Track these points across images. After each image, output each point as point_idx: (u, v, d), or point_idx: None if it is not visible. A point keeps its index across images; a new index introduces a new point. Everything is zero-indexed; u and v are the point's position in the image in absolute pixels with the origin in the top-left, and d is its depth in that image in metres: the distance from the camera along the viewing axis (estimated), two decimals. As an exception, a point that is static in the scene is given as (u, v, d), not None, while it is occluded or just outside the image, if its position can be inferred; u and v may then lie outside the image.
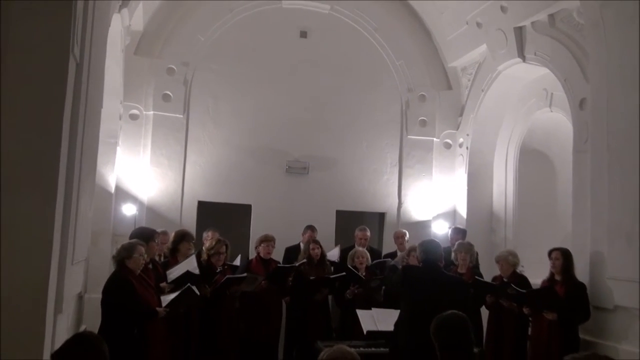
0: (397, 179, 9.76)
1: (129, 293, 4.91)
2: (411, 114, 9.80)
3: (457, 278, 5.58)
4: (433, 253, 5.08)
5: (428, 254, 5.06)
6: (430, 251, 5.09)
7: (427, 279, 4.91)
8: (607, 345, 5.85)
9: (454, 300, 4.47)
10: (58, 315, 3.82)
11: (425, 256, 5.06)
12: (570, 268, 6.09)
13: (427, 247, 5.11)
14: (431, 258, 5.04)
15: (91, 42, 4.24)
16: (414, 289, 4.87)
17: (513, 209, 9.14)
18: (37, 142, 3.34)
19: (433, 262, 5.03)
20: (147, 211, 8.57)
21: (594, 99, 6.41)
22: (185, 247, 6.44)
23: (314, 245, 7.48)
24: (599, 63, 6.31)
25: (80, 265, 5.42)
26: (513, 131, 9.22)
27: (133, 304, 4.91)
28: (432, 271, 4.99)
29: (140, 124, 8.71)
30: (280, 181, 9.26)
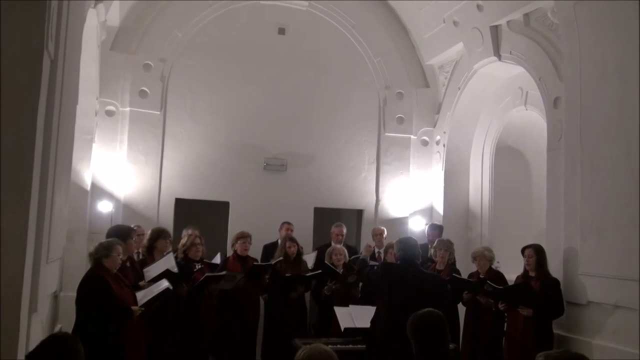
0: (375, 176, 9.79)
1: (104, 291, 4.86)
2: (389, 111, 9.84)
3: (435, 276, 5.62)
4: (411, 250, 5.09)
5: (406, 252, 5.07)
6: (408, 249, 5.09)
7: (405, 276, 4.92)
8: (581, 340, 5.94)
9: (432, 298, 4.49)
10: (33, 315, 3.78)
11: (403, 254, 5.07)
12: (544, 264, 6.17)
13: (405, 245, 5.12)
14: (409, 255, 5.05)
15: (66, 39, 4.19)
16: (393, 286, 4.88)
17: (489, 205, 9.24)
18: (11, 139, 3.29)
19: (411, 259, 5.05)
20: (124, 208, 8.48)
21: (567, 98, 6.50)
22: (162, 245, 6.40)
23: (290, 243, 7.49)
24: (572, 62, 6.39)
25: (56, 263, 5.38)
26: (489, 129, 9.30)
27: (108, 303, 4.86)
28: (411, 269, 5.00)
29: (116, 120, 8.61)
30: (258, 178, 9.24)
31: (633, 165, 5.50)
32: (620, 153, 5.65)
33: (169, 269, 5.91)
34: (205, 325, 6.66)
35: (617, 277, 5.58)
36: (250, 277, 7.16)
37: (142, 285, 5.66)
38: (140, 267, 6.05)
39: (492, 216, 9.19)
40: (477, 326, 6.57)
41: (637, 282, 5.34)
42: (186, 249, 6.65)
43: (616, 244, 5.63)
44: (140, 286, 5.64)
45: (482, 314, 6.52)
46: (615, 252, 5.63)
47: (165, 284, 5.49)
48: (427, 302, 3.85)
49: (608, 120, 5.85)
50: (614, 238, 5.67)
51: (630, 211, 5.48)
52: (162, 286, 5.48)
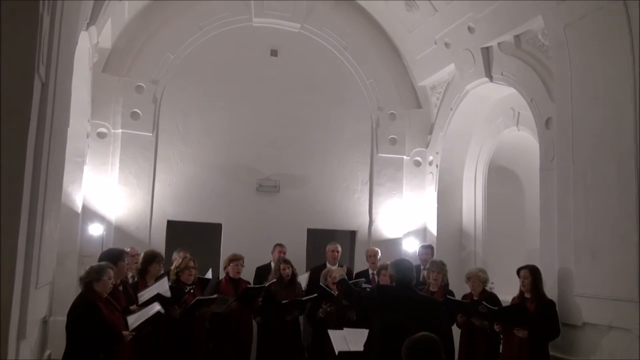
0: (368, 197, 9.79)
1: (94, 316, 4.79)
2: (381, 132, 9.86)
3: (430, 298, 5.56)
4: (406, 272, 5.05)
5: (401, 273, 5.02)
6: (403, 270, 5.04)
7: (400, 298, 4.87)
8: (576, 361, 5.91)
9: (428, 321, 4.47)
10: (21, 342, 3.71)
11: (398, 275, 5.02)
12: (539, 285, 6.14)
13: (400, 267, 5.08)
14: (404, 277, 5.01)
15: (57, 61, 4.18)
16: (387, 308, 4.83)
17: (482, 225, 9.23)
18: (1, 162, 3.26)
19: (406, 281, 5.01)
20: (115, 231, 8.43)
21: (559, 118, 6.53)
22: (155, 269, 6.34)
23: (285, 265, 7.43)
24: (563, 83, 6.44)
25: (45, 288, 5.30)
26: (481, 149, 9.33)
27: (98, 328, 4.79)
28: (406, 291, 4.96)
29: (108, 143, 8.59)
30: (251, 199, 9.21)
31: (626, 184, 5.52)
32: (613, 172, 5.67)
33: (160, 293, 5.84)
34: (197, 348, 6.57)
35: (612, 298, 5.56)
36: (243, 300, 7.09)
37: (132, 310, 5.59)
38: (133, 290, 5.98)
39: (486, 236, 9.18)
40: (472, 349, 6.50)
41: (631, 303, 5.32)
42: (179, 271, 6.58)
43: (610, 264, 5.63)
44: (131, 310, 5.57)
45: (477, 337, 6.46)
46: (610, 273, 5.62)
47: (156, 308, 5.43)
48: (423, 325, 3.81)
49: (600, 140, 5.88)
50: (608, 258, 5.67)
51: (624, 231, 5.48)
52: (153, 310, 5.41)
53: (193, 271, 6.63)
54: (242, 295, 7.10)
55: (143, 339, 5.58)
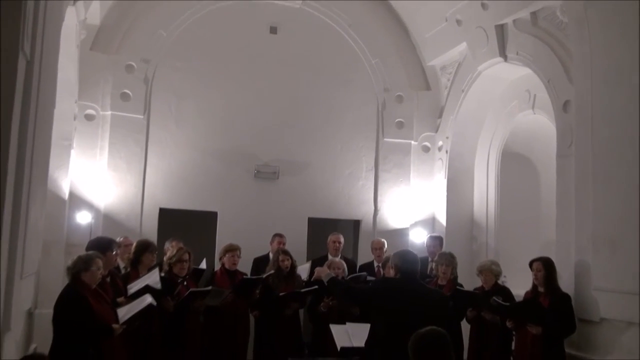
0: (373, 185, 9.80)
1: (83, 309, 4.81)
2: (388, 115, 9.86)
3: (437, 291, 5.58)
4: (411, 263, 5.06)
5: (406, 265, 5.04)
6: (408, 261, 5.06)
7: (405, 291, 4.89)
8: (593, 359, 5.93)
9: (434, 315, 4.50)
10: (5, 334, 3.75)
11: (403, 267, 5.03)
12: (553, 278, 6.15)
13: (405, 258, 5.09)
14: (409, 269, 5.03)
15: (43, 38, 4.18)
16: (391, 302, 4.85)
17: (495, 215, 9.25)
18: (-17, 145, 3.27)
19: (411, 273, 5.03)
20: (104, 219, 8.46)
21: (578, 101, 6.52)
22: (148, 259, 6.37)
23: (284, 256, 7.45)
24: (583, 64, 6.41)
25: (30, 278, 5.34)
26: (494, 134, 9.32)
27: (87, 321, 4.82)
28: (411, 283, 4.98)
29: (96, 125, 8.59)
30: (249, 187, 9.23)
31: (648, 172, 5.51)
32: (635, 159, 5.66)
33: (149, 284, 5.86)
34: (190, 343, 6.62)
35: (632, 293, 5.57)
36: (239, 291, 7.13)
37: (120, 302, 5.63)
38: (123, 282, 6.01)
39: (498, 227, 9.20)
40: (482, 345, 6.54)
41: (653, 298, 5.34)
42: (172, 263, 6.61)
43: (631, 256, 5.62)
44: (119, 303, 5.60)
45: (487, 332, 6.50)
46: (630, 266, 5.62)
47: (148, 300, 5.46)
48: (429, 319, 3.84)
49: (621, 125, 5.86)
50: (628, 250, 5.67)
51: (646, 222, 5.48)
52: (145, 302, 5.45)
53: (186, 265, 6.66)
54: (238, 287, 7.14)
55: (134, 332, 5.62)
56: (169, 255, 6.74)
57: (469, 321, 6.72)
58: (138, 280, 6.05)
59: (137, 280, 6.04)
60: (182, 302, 6.39)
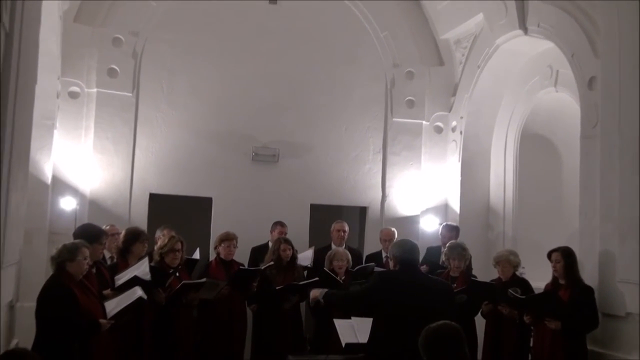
0: (381, 168, 9.80)
1: (68, 302, 4.85)
2: (397, 93, 9.84)
3: (439, 280, 5.59)
4: (410, 252, 5.10)
5: (405, 254, 5.07)
6: (407, 251, 5.10)
7: (405, 283, 4.93)
8: (618, 357, 5.96)
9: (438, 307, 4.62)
10: (-15, 328, 3.78)
11: (402, 257, 5.07)
12: (574, 270, 6.16)
13: (403, 247, 5.12)
14: (408, 258, 5.06)
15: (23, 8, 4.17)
16: (392, 296, 4.88)
17: (513, 202, 9.24)
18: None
19: (411, 263, 5.05)
20: (90, 205, 8.49)
21: (604, 78, 6.49)
22: (139, 249, 6.38)
23: (285, 245, 7.47)
24: (610, 36, 6.38)
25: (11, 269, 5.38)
26: (513, 113, 9.30)
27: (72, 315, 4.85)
28: (411, 273, 5.01)
29: (81, 103, 8.60)
30: (246, 171, 9.24)
31: (679, 155, 5.50)
32: (665, 141, 5.65)
33: (137, 275, 5.88)
34: (183, 339, 6.65)
35: (661, 285, 5.59)
36: (235, 283, 7.16)
37: (106, 295, 5.65)
38: (110, 273, 6.03)
39: (516, 214, 9.20)
40: (498, 342, 6.58)
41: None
42: (164, 252, 6.63)
43: (660, 246, 5.64)
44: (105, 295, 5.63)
45: (504, 328, 6.52)
46: (659, 256, 5.64)
47: (138, 293, 5.49)
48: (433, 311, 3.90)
49: (651, 104, 5.85)
50: (657, 240, 5.68)
51: (676, 209, 5.48)
52: (135, 295, 5.48)
53: (179, 255, 6.68)
54: (234, 279, 7.17)
55: (123, 328, 5.66)
56: (160, 245, 6.77)
57: (484, 315, 6.75)
58: (126, 271, 6.08)
59: (126, 270, 6.06)
60: (174, 295, 6.42)
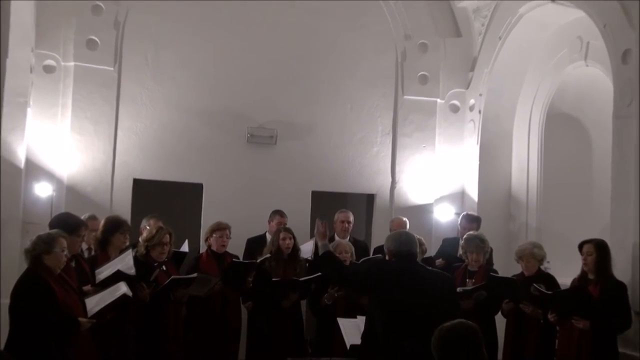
0: (390, 152, 9.81)
1: (45, 298, 4.87)
2: (408, 68, 9.82)
3: (439, 272, 5.65)
4: (406, 244, 5.16)
5: (400, 247, 5.13)
6: (402, 242, 5.16)
7: (403, 275, 4.98)
8: (653, 361, 5.99)
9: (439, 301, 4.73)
10: (-47, 326, 3.81)
11: (397, 249, 5.12)
12: (607, 264, 6.14)
13: (399, 240, 5.18)
14: (405, 250, 5.11)
15: (-8, -28, 4.17)
16: (389, 288, 4.94)
17: (537, 189, 9.24)
18: None
19: (407, 255, 5.11)
20: (67, 192, 8.52)
21: (641, 51, 6.49)
22: (119, 241, 6.40)
23: (285, 234, 7.49)
24: (648, 5, 6.36)
25: (-19, 261, 5.39)
26: (538, 91, 9.29)
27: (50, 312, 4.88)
28: (408, 265, 5.07)
29: (57, 79, 8.61)
30: (240, 154, 9.26)
31: None
32: None
33: (121, 269, 5.91)
34: (171, 340, 6.67)
35: (701, 281, 5.61)
36: (229, 278, 7.19)
37: (86, 291, 5.68)
38: (89, 266, 6.06)
39: (541, 203, 9.21)
40: (520, 343, 6.59)
41: None
42: (151, 245, 6.64)
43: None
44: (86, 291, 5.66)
45: (526, 328, 6.55)
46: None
47: (122, 290, 5.52)
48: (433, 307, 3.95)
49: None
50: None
51: None
52: (118, 292, 5.51)
53: (167, 248, 6.70)
54: (228, 273, 7.19)
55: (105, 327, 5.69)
56: (147, 237, 6.77)
57: (505, 315, 6.77)
58: (108, 264, 6.10)
59: (107, 264, 6.09)
60: (161, 291, 6.45)
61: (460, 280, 6.81)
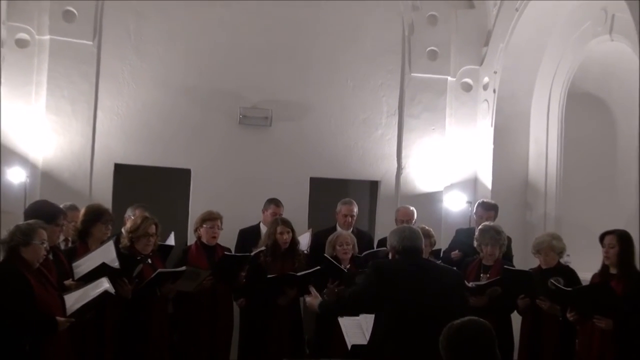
0: (397, 134, 9.83)
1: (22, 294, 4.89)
2: (417, 43, 9.83)
3: (449, 268, 5.69)
4: (410, 240, 5.19)
5: (404, 242, 5.16)
6: (406, 238, 5.18)
7: (408, 272, 5.02)
8: (680, 363, 6.02)
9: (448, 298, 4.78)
10: None
11: (400, 245, 5.16)
12: (631, 258, 6.17)
13: (402, 234, 5.20)
14: (408, 246, 5.15)
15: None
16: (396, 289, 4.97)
17: (556, 176, 9.26)
18: None
19: (411, 251, 5.14)
20: (43, 178, 8.55)
21: (670, 24, 6.50)
22: (101, 231, 6.40)
23: (283, 227, 7.46)
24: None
25: (-49, 254, 5.41)
26: (558, 68, 9.29)
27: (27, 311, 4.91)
28: (413, 263, 5.10)
29: (31, 54, 8.62)
30: (232, 136, 9.29)
31: None
32: None
33: (105, 262, 5.93)
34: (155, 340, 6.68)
35: None
36: (220, 272, 7.21)
37: (68, 285, 5.70)
38: (67, 259, 6.08)
39: (561, 192, 9.23)
40: (537, 343, 6.64)
41: None
42: (135, 237, 6.67)
43: None
44: (66, 287, 5.68)
45: (544, 327, 6.58)
46: None
47: (104, 286, 5.53)
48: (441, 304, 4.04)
49: None
50: None
51: None
52: (100, 288, 5.52)
53: (152, 240, 6.72)
54: (219, 267, 7.21)
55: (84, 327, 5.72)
56: (131, 227, 6.79)
57: (521, 312, 6.81)
58: (87, 256, 6.11)
59: (86, 256, 6.10)
60: (146, 286, 6.47)
61: (474, 275, 6.86)
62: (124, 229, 6.97)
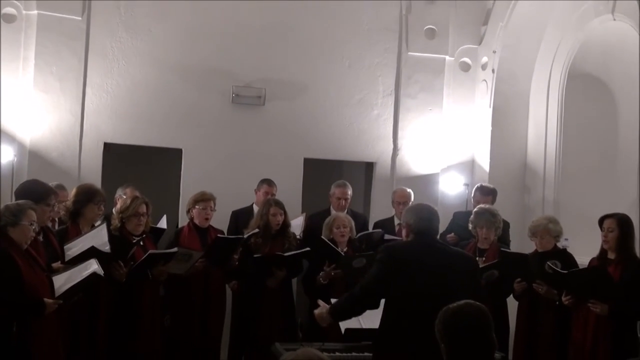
0: (393, 115, 9.84)
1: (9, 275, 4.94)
2: (414, 21, 9.83)
3: (461, 252, 5.67)
4: (427, 220, 5.18)
5: (421, 222, 5.16)
6: (423, 218, 5.17)
7: (422, 256, 5.02)
8: (677, 349, 6.09)
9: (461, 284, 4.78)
10: None
11: (417, 225, 5.15)
12: (629, 242, 6.20)
13: (420, 213, 5.19)
14: (425, 227, 5.15)
15: None
16: (407, 273, 4.98)
17: (556, 159, 9.27)
18: None
19: (427, 232, 5.15)
20: (30, 157, 8.55)
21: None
22: (93, 212, 6.42)
23: (276, 209, 7.50)
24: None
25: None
26: (559, 48, 9.29)
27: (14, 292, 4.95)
28: (429, 245, 5.12)
29: (18, 29, 8.59)
30: (224, 116, 9.29)
31: None
32: None
33: (95, 246, 5.96)
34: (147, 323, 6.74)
35: None
36: (213, 255, 7.26)
37: (56, 268, 5.74)
38: (59, 240, 6.12)
39: (560, 175, 9.25)
40: (533, 328, 6.71)
41: None
42: (126, 217, 6.70)
43: None
44: (54, 269, 5.72)
45: (540, 311, 6.65)
46: None
47: (93, 267, 5.55)
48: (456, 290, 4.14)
49: None
50: None
51: None
52: (88, 270, 5.56)
53: (144, 220, 6.76)
54: (212, 250, 7.26)
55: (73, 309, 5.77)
56: (121, 207, 6.83)
57: (517, 296, 6.87)
58: (79, 238, 6.14)
59: (78, 238, 6.13)
60: (137, 268, 6.51)
61: (469, 259, 6.92)
62: (114, 210, 7.00)
